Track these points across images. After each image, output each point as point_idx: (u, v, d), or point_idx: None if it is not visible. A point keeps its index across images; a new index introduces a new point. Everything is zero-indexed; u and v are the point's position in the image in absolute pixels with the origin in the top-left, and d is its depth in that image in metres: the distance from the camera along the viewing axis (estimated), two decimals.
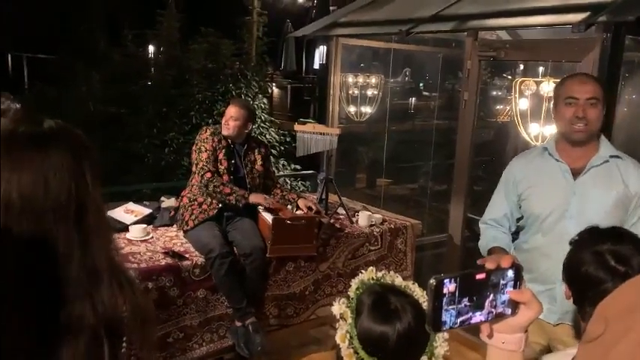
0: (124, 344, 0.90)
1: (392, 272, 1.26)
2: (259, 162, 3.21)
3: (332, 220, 3.42)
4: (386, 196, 5.62)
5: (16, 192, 0.79)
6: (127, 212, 3.27)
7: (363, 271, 1.27)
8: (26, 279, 0.79)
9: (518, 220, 2.26)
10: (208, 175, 2.96)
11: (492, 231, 2.25)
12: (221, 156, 3.05)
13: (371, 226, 3.53)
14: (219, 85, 7.27)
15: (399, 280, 1.25)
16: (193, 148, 3.10)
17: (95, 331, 0.83)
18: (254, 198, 3.00)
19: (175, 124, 6.90)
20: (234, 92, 7.27)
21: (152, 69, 8.16)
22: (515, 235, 2.31)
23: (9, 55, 9.28)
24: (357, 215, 3.62)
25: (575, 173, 2.04)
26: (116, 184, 6.31)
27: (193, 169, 3.07)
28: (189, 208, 3.02)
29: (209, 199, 2.99)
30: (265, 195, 3.10)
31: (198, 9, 9.59)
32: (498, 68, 7.28)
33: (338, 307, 1.20)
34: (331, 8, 8.52)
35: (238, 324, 2.85)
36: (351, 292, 1.23)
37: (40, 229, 0.80)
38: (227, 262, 2.72)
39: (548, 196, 2.09)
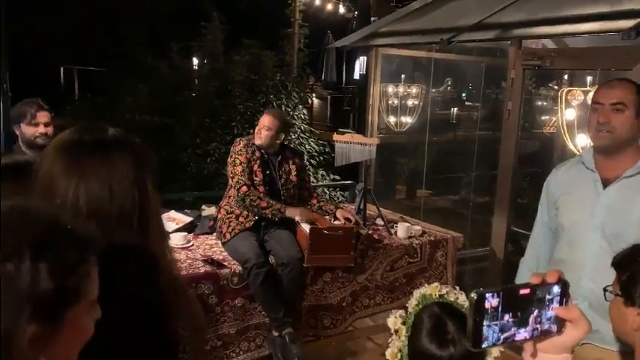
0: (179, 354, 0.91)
1: (457, 290, 1.22)
2: (294, 172, 3.20)
3: (370, 231, 3.39)
4: (426, 208, 5.54)
5: (83, 198, 0.82)
6: (168, 220, 3.33)
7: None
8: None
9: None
10: (244, 188, 2.97)
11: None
12: (256, 167, 3.06)
13: (410, 237, 3.48)
14: (261, 96, 7.36)
15: (462, 299, 1.21)
16: (229, 160, 3.12)
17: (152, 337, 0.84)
18: (290, 212, 3.00)
19: (217, 134, 7.02)
20: (274, 103, 7.35)
21: (196, 80, 8.35)
22: None
23: (61, 68, 9.70)
24: (396, 226, 3.57)
25: (607, 183, 1.93)
26: (160, 192, 6.47)
27: (230, 181, 3.09)
28: (227, 221, 3.04)
29: (246, 212, 3.01)
30: (301, 209, 3.09)
31: (241, 21, 9.77)
32: (543, 78, 7.09)
33: (393, 321, 1.17)
34: (372, 19, 8.51)
35: (275, 334, 2.85)
36: (410, 307, 1.20)
37: (106, 235, 0.82)
38: (263, 272, 2.73)
39: (576, 206, 1.99)
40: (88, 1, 9.81)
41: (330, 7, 11.83)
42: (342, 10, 11.98)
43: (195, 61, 9.23)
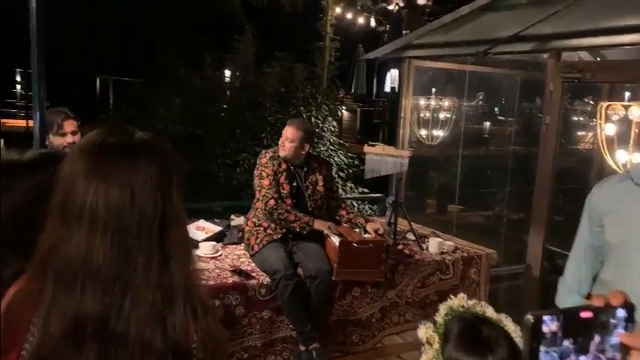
0: None
1: (483, 302, 1.16)
2: (321, 183, 3.14)
3: (401, 246, 3.31)
4: (458, 223, 5.41)
5: (102, 202, 0.78)
6: (198, 229, 3.33)
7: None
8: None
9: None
10: (272, 202, 2.93)
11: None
12: (282, 180, 3.02)
13: (442, 253, 3.39)
14: (291, 108, 7.38)
15: (490, 311, 1.14)
16: (255, 172, 3.08)
17: (163, 356, 0.79)
18: (318, 225, 2.95)
19: (248, 145, 7.05)
20: (304, 115, 7.36)
21: (228, 92, 8.44)
22: None
23: (97, 78, 9.92)
24: (427, 241, 3.48)
25: None
26: (189, 201, 6.52)
27: (257, 194, 3.05)
28: (255, 233, 3.00)
29: (274, 224, 2.98)
30: (330, 223, 3.03)
31: (273, 34, 9.86)
32: (578, 92, 6.91)
33: (424, 331, 1.12)
34: (404, 32, 8.47)
35: (302, 348, 2.79)
36: (439, 318, 1.14)
37: (123, 241, 0.78)
38: (292, 284, 2.68)
39: (625, 225, 1.88)
40: (126, 14, 10.05)
41: (361, 20, 11.86)
42: (373, 24, 11.98)
43: (227, 73, 9.33)
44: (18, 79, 9.35)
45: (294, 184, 3.05)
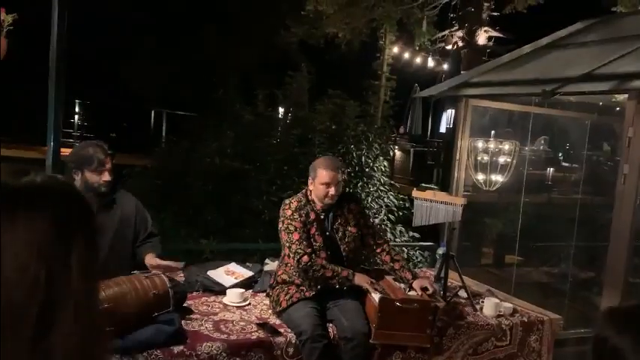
0: None
1: None
2: (352, 222, 2.79)
3: (450, 306, 2.92)
4: (517, 279, 4.92)
5: None
6: (227, 273, 3.08)
7: None
8: None
9: None
10: (305, 258, 2.60)
11: None
12: (314, 231, 2.70)
13: (499, 316, 2.97)
14: (341, 146, 7.17)
15: None
16: (280, 226, 2.75)
17: None
18: (359, 280, 2.63)
19: (294, 182, 6.85)
20: (354, 153, 7.12)
21: (279, 128, 8.35)
22: None
23: (152, 112, 10.15)
24: (482, 301, 3.08)
25: None
26: (228, 240, 6.34)
27: (286, 250, 2.72)
28: (285, 289, 2.68)
29: (307, 281, 2.66)
30: (372, 279, 2.69)
31: (328, 72, 9.82)
32: None
33: None
34: (462, 73, 8.17)
35: None
36: None
37: None
38: (320, 347, 2.35)
39: None
40: (184, 49, 10.30)
41: (418, 60, 11.65)
42: (430, 63, 11.74)
43: (280, 110, 9.30)
44: (77, 109, 9.69)
45: (327, 233, 2.73)
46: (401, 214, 7.14)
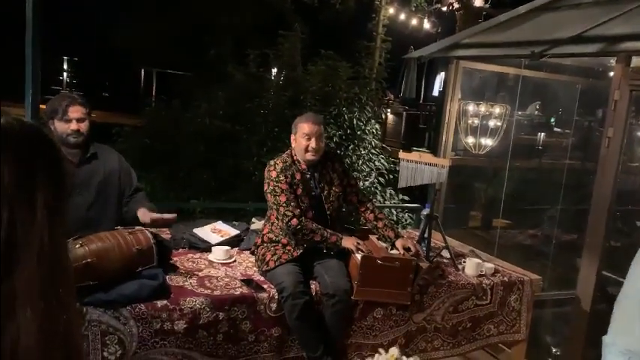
0: None
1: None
2: (337, 181, 2.79)
3: (433, 265, 2.98)
4: (501, 241, 4.98)
5: None
6: (214, 231, 3.11)
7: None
8: None
9: None
10: (294, 221, 2.60)
11: None
12: (300, 192, 2.70)
13: (480, 276, 3.03)
14: (332, 108, 7.12)
15: None
16: (266, 188, 2.72)
17: None
18: (346, 242, 2.65)
19: (285, 144, 6.84)
20: (346, 116, 7.09)
21: (271, 90, 8.27)
22: None
23: (142, 70, 9.99)
24: (464, 262, 3.13)
25: None
26: (218, 200, 6.37)
27: (273, 213, 2.72)
28: (272, 249, 2.69)
29: (294, 241, 2.67)
30: (358, 240, 2.70)
31: (322, 33, 9.66)
32: None
33: None
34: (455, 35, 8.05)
35: None
36: None
37: None
38: (300, 304, 2.40)
39: None
40: (174, 8, 10.07)
41: (414, 22, 11.46)
42: (426, 26, 11.56)
43: (273, 71, 9.18)
44: (65, 66, 9.54)
45: (313, 193, 2.73)
46: (391, 177, 7.17)
